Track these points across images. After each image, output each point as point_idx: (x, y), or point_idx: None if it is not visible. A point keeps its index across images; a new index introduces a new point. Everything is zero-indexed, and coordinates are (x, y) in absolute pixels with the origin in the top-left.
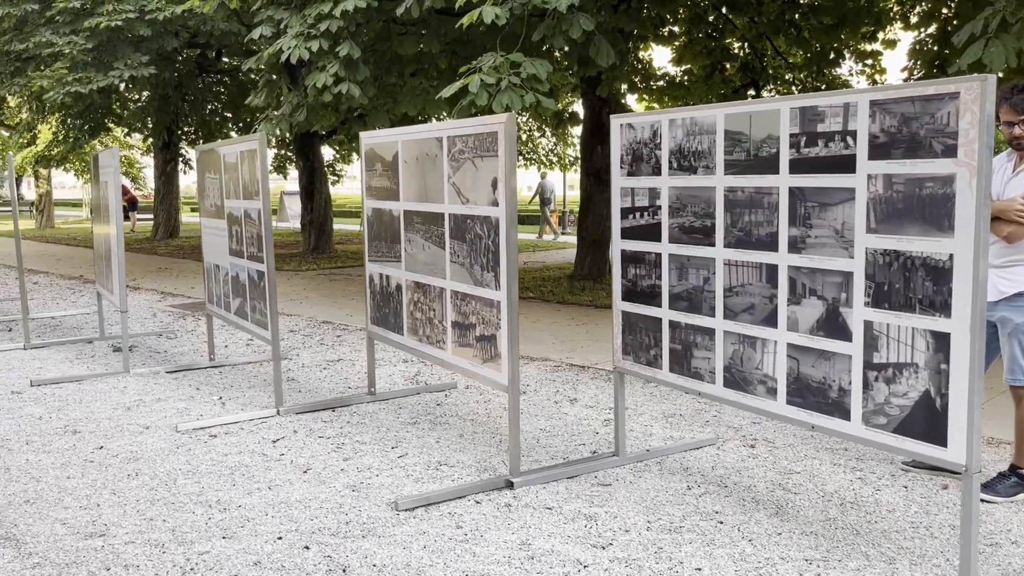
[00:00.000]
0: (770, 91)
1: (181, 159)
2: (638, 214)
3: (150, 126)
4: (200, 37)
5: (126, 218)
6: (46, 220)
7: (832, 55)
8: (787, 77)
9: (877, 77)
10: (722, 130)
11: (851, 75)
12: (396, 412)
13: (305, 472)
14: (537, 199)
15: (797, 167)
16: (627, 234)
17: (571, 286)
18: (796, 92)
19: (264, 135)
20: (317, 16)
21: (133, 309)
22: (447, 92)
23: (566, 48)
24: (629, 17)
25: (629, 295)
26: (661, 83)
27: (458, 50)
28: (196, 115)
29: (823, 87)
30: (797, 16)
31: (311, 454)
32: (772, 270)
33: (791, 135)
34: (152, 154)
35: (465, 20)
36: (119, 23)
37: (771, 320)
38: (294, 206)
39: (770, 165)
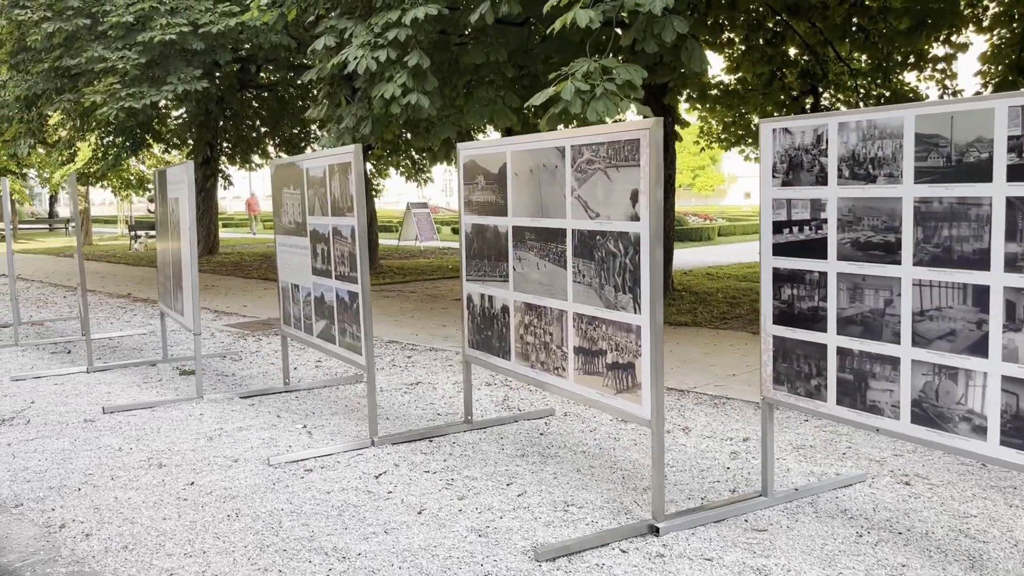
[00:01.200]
0: (831, 99)
1: (220, 175)
2: (796, 228)
3: (190, 142)
4: (248, 51)
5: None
6: (84, 237)
7: (902, 59)
8: (849, 84)
9: (948, 83)
10: (912, 133)
11: (919, 81)
12: (498, 442)
13: (420, 513)
14: None
15: (1017, 174)
16: (781, 250)
17: None
18: (859, 100)
19: (360, 147)
20: (384, 25)
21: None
22: (537, 100)
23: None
24: (698, 23)
25: (784, 318)
26: (715, 92)
27: (519, 60)
28: (235, 131)
29: (888, 95)
30: (865, 20)
31: (421, 491)
32: (981, 292)
33: (1010, 137)
34: None
35: (557, 24)
36: (173, 37)
37: (979, 349)
38: None
39: (979, 172)
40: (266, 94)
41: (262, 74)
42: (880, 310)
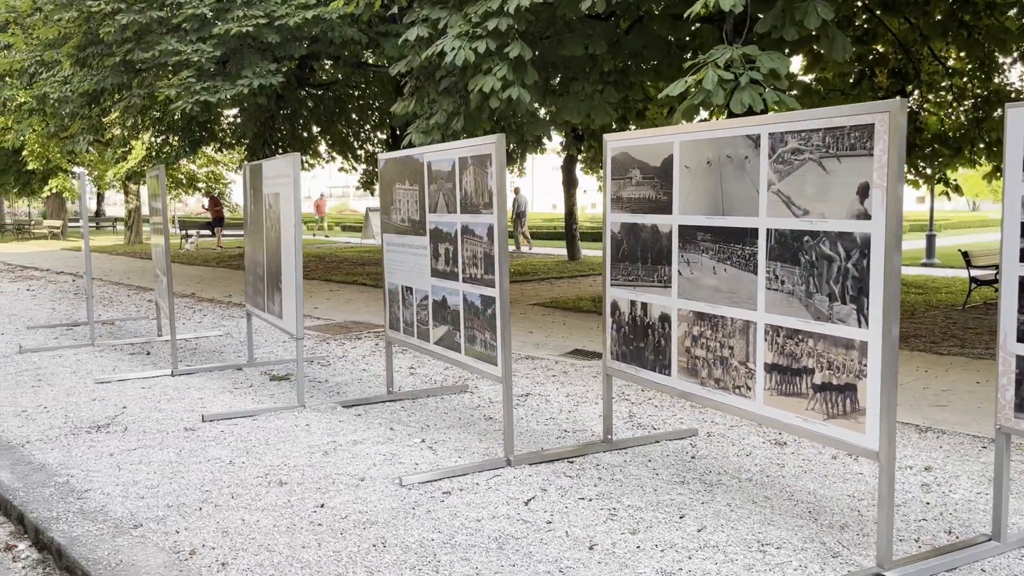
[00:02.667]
0: (919, 100)
1: None
2: None
3: (244, 141)
4: (315, 46)
5: (211, 234)
6: (135, 236)
7: (1010, 58)
8: (944, 84)
9: None
10: None
11: (1021, 80)
12: (647, 466)
13: (591, 548)
14: (514, 214)
15: None
16: None
17: None
18: (953, 100)
19: (503, 137)
20: (483, 14)
21: (267, 332)
22: (674, 89)
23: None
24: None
25: None
26: (792, 92)
27: (615, 53)
28: (290, 128)
29: (985, 94)
30: (970, 16)
31: (583, 522)
32: None
33: None
34: (238, 170)
35: (697, 7)
36: (249, 29)
37: None
38: (374, 222)
39: None
40: (320, 92)
41: (320, 73)
42: None
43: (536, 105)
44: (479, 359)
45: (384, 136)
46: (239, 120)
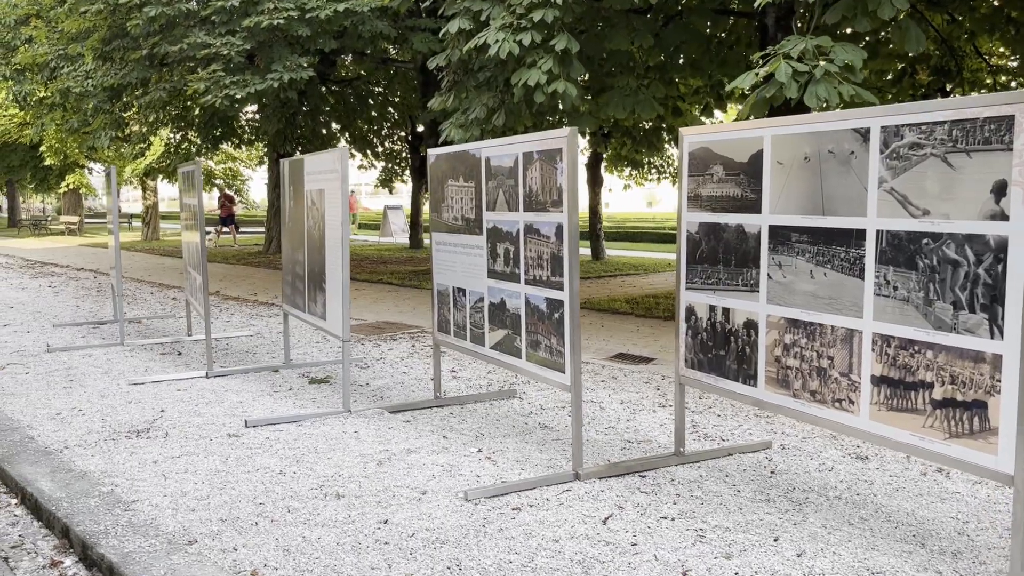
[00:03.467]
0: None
1: None
2: None
3: (265, 137)
4: (347, 39)
5: (226, 231)
6: (151, 232)
7: None
8: (988, 81)
9: None
10: None
11: None
12: (725, 481)
13: (684, 575)
14: None
15: None
16: None
17: None
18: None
19: (576, 130)
20: (528, 5)
21: (300, 332)
22: (743, 82)
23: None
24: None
25: None
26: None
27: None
28: (311, 126)
29: None
30: (1015, 13)
31: (671, 545)
32: None
33: None
34: (256, 167)
35: None
36: (280, 21)
37: None
38: (398, 220)
39: None
40: (340, 88)
41: (340, 69)
42: None
43: (580, 100)
44: (543, 365)
45: (403, 133)
46: (259, 116)
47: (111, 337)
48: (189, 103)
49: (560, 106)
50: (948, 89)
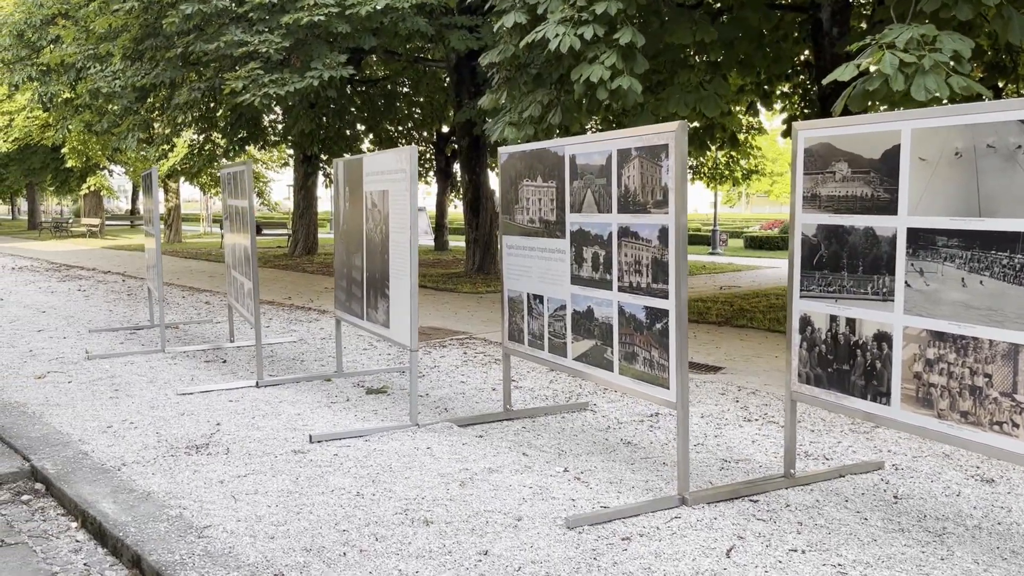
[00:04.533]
0: (1011, 95)
1: (321, 172)
2: None
3: (289, 138)
4: (383, 37)
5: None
6: (174, 234)
7: None
8: None
9: None
10: None
11: None
12: (847, 507)
13: None
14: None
15: None
16: None
17: None
18: None
19: (685, 124)
20: None
21: (346, 338)
22: (842, 74)
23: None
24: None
25: None
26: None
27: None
28: (339, 125)
29: None
30: None
31: None
32: None
33: None
34: (285, 169)
35: None
36: (320, 18)
37: None
38: (421, 223)
39: None
40: (367, 88)
41: (365, 68)
42: None
43: (643, 97)
44: (641, 380)
45: (427, 134)
46: (285, 117)
47: (150, 343)
48: (213, 103)
49: (622, 102)
50: (1000, 86)
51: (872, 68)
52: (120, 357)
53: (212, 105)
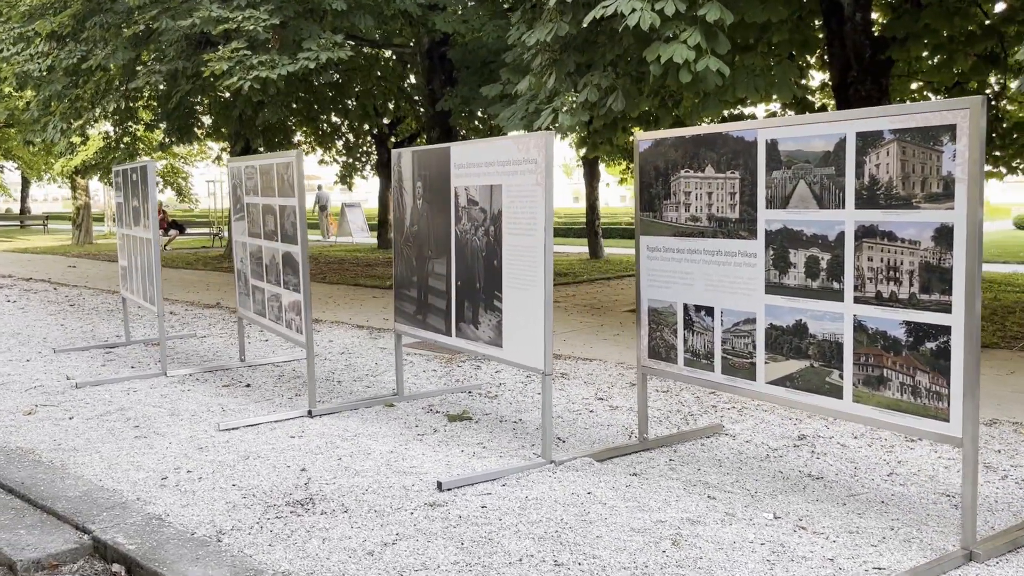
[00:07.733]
0: (1001, 86)
1: None
2: None
3: (223, 129)
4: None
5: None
6: (84, 235)
7: None
8: None
9: None
10: None
11: None
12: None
13: None
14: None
15: None
16: None
17: None
18: None
19: (982, 99)
20: None
21: (367, 353)
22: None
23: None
24: None
25: None
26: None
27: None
28: (283, 116)
29: None
30: None
31: None
32: None
33: None
34: (196, 163)
35: None
36: None
37: None
38: (356, 219)
39: None
40: (337, 78)
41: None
42: None
43: (721, 80)
44: (895, 410)
45: (368, 127)
46: (212, 107)
47: (140, 365)
48: (142, 92)
49: (702, 87)
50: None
51: None
52: (115, 384)
53: (224, 85)
